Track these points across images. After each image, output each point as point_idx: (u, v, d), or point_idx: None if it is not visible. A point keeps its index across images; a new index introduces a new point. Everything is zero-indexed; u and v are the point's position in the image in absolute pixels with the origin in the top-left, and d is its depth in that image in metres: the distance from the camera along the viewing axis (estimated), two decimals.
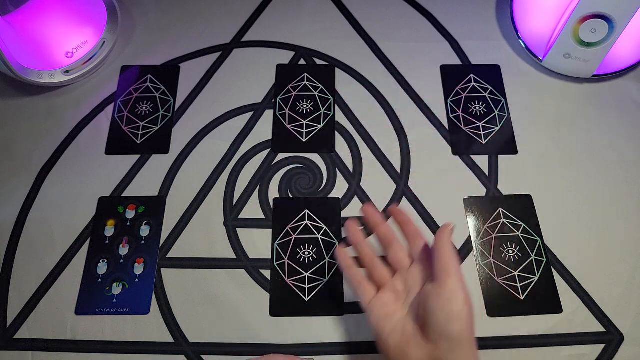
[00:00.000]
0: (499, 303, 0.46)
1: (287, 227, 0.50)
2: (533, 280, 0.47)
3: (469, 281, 0.47)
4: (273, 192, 0.51)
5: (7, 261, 0.48)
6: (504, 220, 0.50)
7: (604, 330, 0.45)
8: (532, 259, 0.48)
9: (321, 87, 0.57)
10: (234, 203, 0.51)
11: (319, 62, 0.59)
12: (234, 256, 0.48)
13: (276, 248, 0.48)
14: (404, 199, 0.51)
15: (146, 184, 0.52)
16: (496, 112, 0.56)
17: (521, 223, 0.50)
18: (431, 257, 0.37)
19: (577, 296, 0.47)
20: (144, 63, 0.59)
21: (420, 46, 0.60)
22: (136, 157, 0.53)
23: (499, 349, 0.44)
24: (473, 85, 0.57)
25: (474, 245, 0.49)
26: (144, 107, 0.56)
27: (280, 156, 0.53)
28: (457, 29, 0.61)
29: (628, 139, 0.54)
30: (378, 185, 0.52)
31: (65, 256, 0.48)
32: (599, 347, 0.44)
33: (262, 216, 0.50)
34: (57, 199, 0.51)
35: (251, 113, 0.56)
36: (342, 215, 0.50)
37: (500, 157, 0.53)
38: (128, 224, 0.50)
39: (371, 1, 0.63)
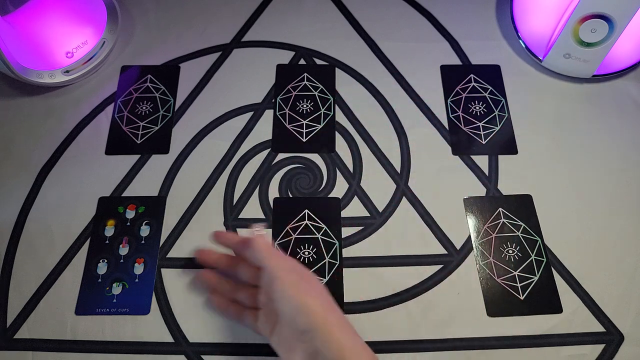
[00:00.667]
0: (499, 303, 0.46)
1: (287, 227, 0.50)
2: (533, 280, 0.47)
3: (469, 281, 0.47)
4: (273, 192, 0.51)
5: (7, 261, 0.48)
6: (504, 220, 0.50)
7: (604, 330, 0.45)
8: (532, 259, 0.48)
9: (321, 87, 0.57)
10: (234, 203, 0.51)
11: (319, 62, 0.59)
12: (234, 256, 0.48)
13: (276, 248, 0.48)
14: (404, 199, 0.51)
15: (146, 184, 0.52)
16: (496, 112, 0.56)
17: (521, 223, 0.50)
18: None
19: (577, 296, 0.47)
20: (144, 63, 0.59)
21: (420, 46, 0.60)
22: (136, 157, 0.53)
23: (499, 349, 0.44)
24: (473, 85, 0.57)
25: (474, 245, 0.49)
26: (144, 107, 0.56)
27: (280, 156, 0.54)
28: (457, 29, 0.61)
29: (628, 138, 0.54)
30: (378, 185, 0.52)
31: (65, 256, 0.48)
32: (599, 347, 0.44)
33: (262, 216, 0.50)
34: (57, 199, 0.51)
35: (251, 113, 0.56)
36: (342, 216, 0.50)
37: (500, 157, 0.53)
38: (128, 224, 0.50)
39: (371, 1, 0.63)
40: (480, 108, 0.56)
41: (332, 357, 0.34)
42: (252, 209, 0.51)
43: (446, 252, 0.49)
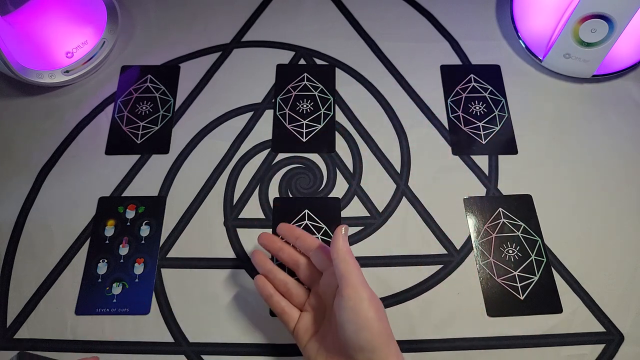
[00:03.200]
0: (499, 303, 0.46)
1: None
2: (533, 280, 0.47)
3: (470, 281, 0.47)
4: (273, 192, 0.51)
5: (7, 261, 0.48)
6: (504, 220, 0.50)
7: (604, 330, 0.45)
8: (532, 259, 0.48)
9: (321, 87, 0.57)
10: (234, 203, 0.51)
11: (319, 62, 0.59)
12: (234, 256, 0.48)
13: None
14: (404, 199, 0.51)
15: (146, 184, 0.52)
16: (496, 112, 0.56)
17: (521, 223, 0.50)
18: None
19: (577, 296, 0.47)
20: (144, 63, 0.59)
21: (420, 46, 0.60)
22: (136, 157, 0.53)
23: (499, 349, 0.44)
24: (473, 85, 0.57)
25: (474, 245, 0.49)
26: (144, 107, 0.56)
27: (280, 156, 0.54)
28: (457, 29, 0.61)
29: (628, 139, 0.54)
30: (378, 185, 0.52)
31: (65, 256, 0.48)
32: (599, 347, 0.44)
33: (262, 216, 0.50)
34: (57, 199, 0.51)
35: (251, 113, 0.56)
36: (342, 216, 0.50)
37: (500, 157, 0.53)
38: (128, 224, 0.50)
39: (371, 1, 0.63)
40: (480, 108, 0.56)
41: None
42: (252, 209, 0.51)
43: (446, 252, 0.49)
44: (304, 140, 0.54)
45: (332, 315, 0.38)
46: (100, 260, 0.48)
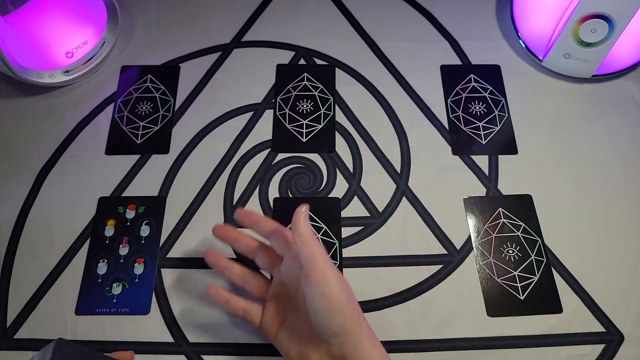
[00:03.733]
0: (499, 303, 0.46)
1: (288, 227, 0.49)
2: (533, 280, 0.47)
3: (470, 281, 0.47)
4: (273, 192, 0.51)
5: (7, 261, 0.48)
6: (504, 220, 0.50)
7: (604, 330, 0.45)
8: (532, 259, 0.48)
9: (321, 87, 0.57)
10: (234, 203, 0.51)
11: (319, 62, 0.59)
12: (234, 256, 0.48)
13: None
14: (404, 199, 0.51)
15: (146, 184, 0.52)
16: (496, 112, 0.56)
17: (521, 223, 0.50)
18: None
19: (577, 296, 0.47)
20: (144, 63, 0.59)
21: (420, 46, 0.60)
22: (136, 157, 0.53)
23: (499, 349, 0.44)
24: (473, 85, 0.57)
25: (474, 245, 0.49)
26: (144, 107, 0.56)
27: (280, 156, 0.53)
28: (457, 29, 0.61)
29: (628, 139, 0.54)
30: (378, 185, 0.52)
31: (65, 256, 0.48)
32: (599, 347, 0.44)
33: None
34: (57, 199, 0.51)
35: (251, 113, 0.56)
36: (342, 216, 0.50)
37: (500, 157, 0.53)
38: (128, 224, 0.50)
39: (371, 1, 0.63)
40: (480, 108, 0.56)
41: None
42: (252, 209, 0.51)
43: (446, 252, 0.49)
44: (304, 140, 0.54)
45: (300, 301, 0.37)
46: (100, 260, 0.48)
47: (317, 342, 0.35)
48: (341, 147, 0.54)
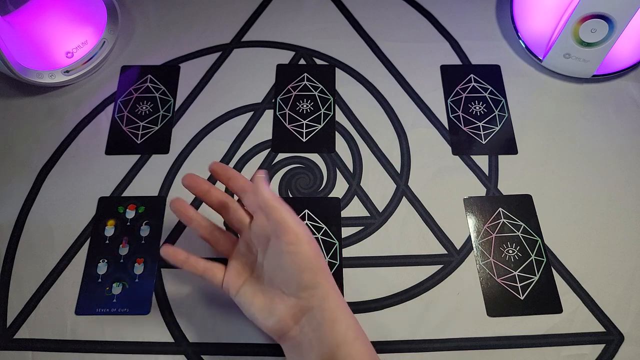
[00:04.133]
0: (499, 303, 0.46)
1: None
2: (533, 280, 0.47)
3: (470, 281, 0.47)
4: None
5: (7, 261, 0.48)
6: (504, 220, 0.50)
7: (604, 330, 0.45)
8: (532, 259, 0.48)
9: (321, 87, 0.57)
10: None
11: (319, 62, 0.59)
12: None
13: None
14: (404, 199, 0.51)
15: (146, 184, 0.52)
16: (496, 112, 0.56)
17: (521, 223, 0.50)
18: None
19: (577, 296, 0.47)
20: (144, 63, 0.59)
21: (420, 46, 0.60)
22: (136, 157, 0.53)
23: (499, 349, 0.44)
24: (473, 85, 0.57)
25: (474, 245, 0.49)
26: (144, 107, 0.56)
27: (280, 156, 0.54)
28: (457, 29, 0.61)
29: (628, 139, 0.54)
30: (378, 185, 0.52)
31: (65, 256, 0.48)
32: (599, 347, 0.44)
33: None
34: (57, 199, 0.51)
35: (251, 113, 0.56)
36: (342, 216, 0.50)
37: (500, 157, 0.53)
38: (128, 224, 0.50)
39: (371, 1, 0.63)
40: (480, 108, 0.56)
41: (326, 316, 0.35)
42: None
43: (446, 252, 0.49)
44: (304, 140, 0.54)
45: (269, 258, 0.37)
46: (100, 260, 0.48)
47: (283, 296, 0.36)
48: (341, 147, 0.54)
